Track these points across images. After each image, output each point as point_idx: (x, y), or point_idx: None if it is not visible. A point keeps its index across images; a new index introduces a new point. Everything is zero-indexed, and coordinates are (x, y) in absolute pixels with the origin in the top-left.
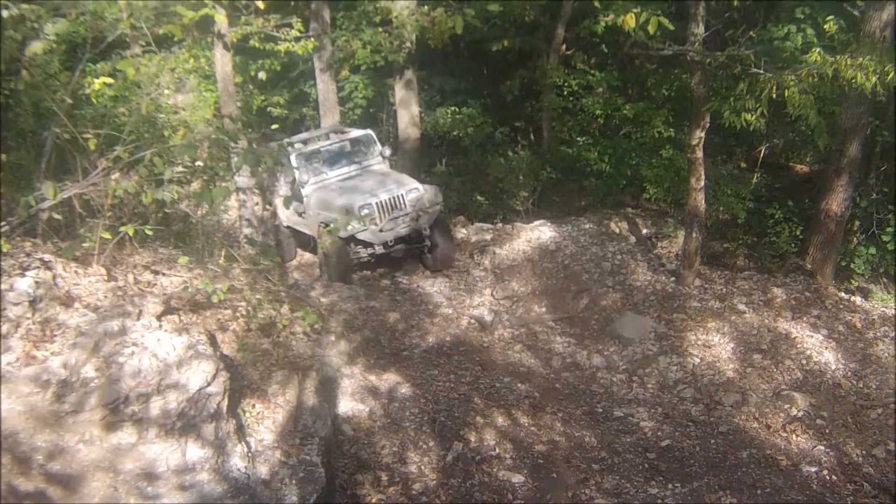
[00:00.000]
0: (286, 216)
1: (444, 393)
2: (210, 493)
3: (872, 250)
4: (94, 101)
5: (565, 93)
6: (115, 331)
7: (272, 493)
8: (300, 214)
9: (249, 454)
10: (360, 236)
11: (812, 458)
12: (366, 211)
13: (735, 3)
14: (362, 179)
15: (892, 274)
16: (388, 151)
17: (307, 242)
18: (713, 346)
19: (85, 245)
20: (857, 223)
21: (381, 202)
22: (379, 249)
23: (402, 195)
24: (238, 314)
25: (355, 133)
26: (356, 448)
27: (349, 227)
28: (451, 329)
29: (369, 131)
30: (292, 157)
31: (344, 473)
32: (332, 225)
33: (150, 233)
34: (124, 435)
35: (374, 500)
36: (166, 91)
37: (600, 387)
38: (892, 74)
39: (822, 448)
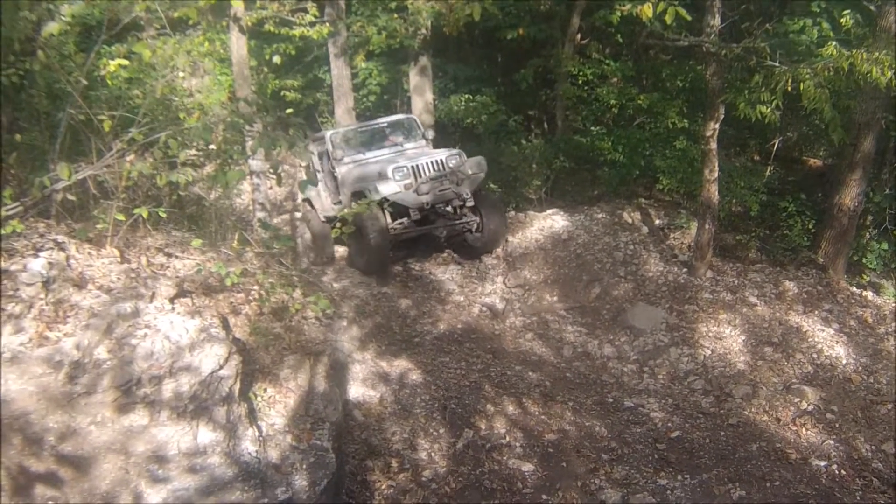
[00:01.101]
0: (324, 208)
1: (455, 380)
2: (220, 477)
3: (885, 246)
4: (108, 82)
5: (580, 82)
6: (127, 313)
7: (282, 478)
8: (336, 204)
9: (260, 438)
10: (395, 198)
11: (821, 453)
12: (400, 174)
13: None
14: (401, 155)
15: None
16: (430, 134)
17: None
18: (724, 338)
19: (98, 227)
20: (869, 218)
21: (416, 165)
22: (415, 215)
23: (441, 159)
24: (251, 298)
25: (396, 117)
26: (367, 434)
27: (383, 190)
28: (462, 316)
29: (412, 115)
30: (327, 136)
31: (354, 459)
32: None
33: (163, 215)
34: (136, 417)
35: (383, 487)
36: (181, 74)
37: (611, 377)
38: None
39: (832, 442)
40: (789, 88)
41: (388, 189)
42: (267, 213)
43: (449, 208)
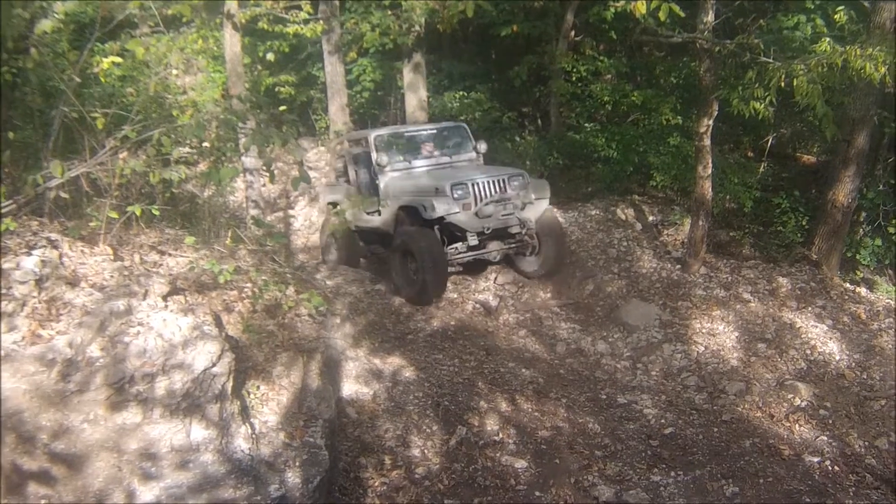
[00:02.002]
0: (355, 216)
1: (449, 377)
2: (213, 474)
3: (879, 242)
4: (102, 80)
5: (573, 79)
6: (120, 310)
7: (275, 475)
8: (372, 213)
9: (253, 435)
10: (453, 219)
11: (815, 449)
12: (459, 192)
13: None
14: (455, 168)
15: None
16: (483, 147)
17: (378, 242)
18: (718, 335)
19: (91, 224)
20: (863, 214)
21: (478, 183)
22: (473, 240)
23: (504, 178)
24: (244, 295)
25: (445, 123)
26: (360, 431)
27: (439, 208)
28: (455, 313)
29: (462, 123)
30: (370, 138)
31: (347, 456)
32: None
33: (156, 213)
34: (129, 415)
35: (376, 484)
36: (175, 71)
37: (604, 373)
38: None
39: (825, 438)
40: (783, 84)
41: (444, 208)
42: (260, 211)
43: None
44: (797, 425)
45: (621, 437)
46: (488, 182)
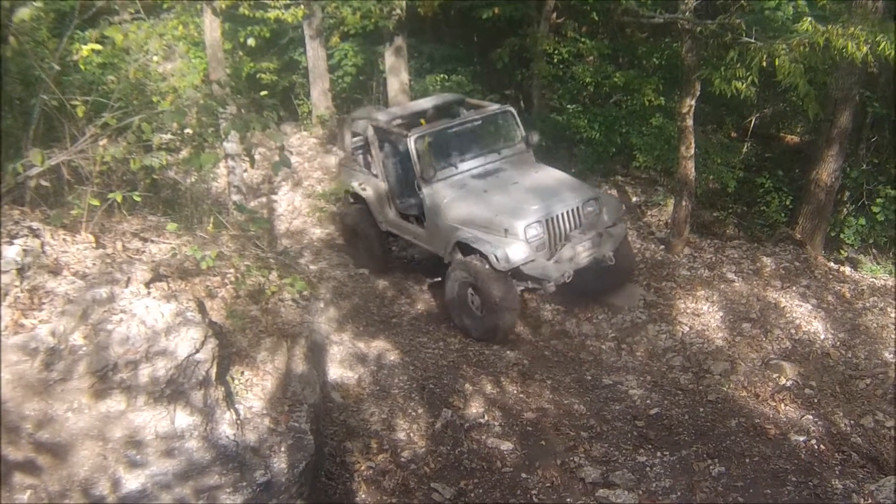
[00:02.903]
0: (385, 216)
1: (433, 360)
2: (199, 461)
3: (862, 221)
4: (82, 67)
5: (555, 61)
6: (103, 298)
7: (261, 461)
8: (409, 217)
9: (238, 421)
10: (528, 270)
11: (800, 428)
12: (533, 232)
13: None
14: (512, 179)
15: (881, 244)
16: (535, 138)
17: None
18: (702, 315)
19: (73, 212)
20: (847, 193)
21: (553, 219)
22: (550, 288)
23: (577, 208)
24: (227, 281)
25: (491, 109)
26: (345, 415)
27: (513, 255)
28: (439, 296)
29: (509, 107)
30: (410, 142)
31: (333, 441)
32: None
33: (138, 199)
34: (113, 402)
35: (362, 468)
36: (155, 58)
37: (589, 354)
38: (883, 44)
39: (811, 417)
40: (764, 64)
41: (519, 256)
42: (243, 196)
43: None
44: (783, 404)
45: (607, 418)
46: (565, 214)
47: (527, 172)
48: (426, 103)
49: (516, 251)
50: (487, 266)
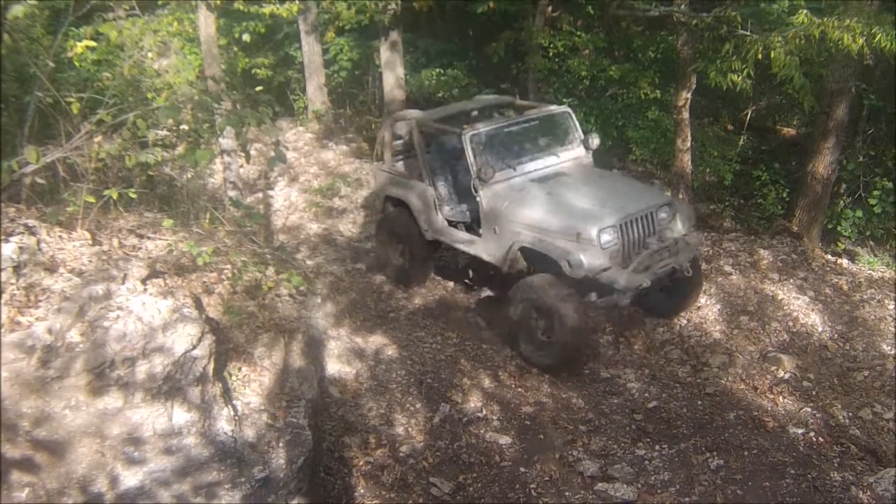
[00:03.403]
0: (433, 225)
1: (431, 355)
2: (197, 457)
3: (859, 213)
4: (76, 64)
5: (551, 54)
6: (99, 295)
7: (259, 456)
8: (458, 225)
9: (236, 417)
10: (607, 279)
11: (799, 420)
12: (607, 237)
13: None
14: (576, 183)
15: (878, 236)
16: (595, 141)
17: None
18: (700, 308)
19: (69, 209)
20: (843, 186)
21: (627, 224)
22: (624, 300)
23: (651, 213)
24: (223, 277)
25: (548, 109)
26: (343, 410)
27: (588, 261)
28: (437, 291)
29: (567, 108)
30: (465, 139)
31: (331, 436)
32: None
33: (134, 196)
34: (110, 399)
35: (361, 463)
36: (150, 54)
37: (587, 348)
38: (879, 36)
39: (809, 410)
40: (760, 57)
41: (595, 263)
42: (239, 192)
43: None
44: (781, 397)
45: (605, 411)
46: (640, 219)
47: (590, 176)
48: (473, 105)
49: (592, 257)
50: (554, 279)
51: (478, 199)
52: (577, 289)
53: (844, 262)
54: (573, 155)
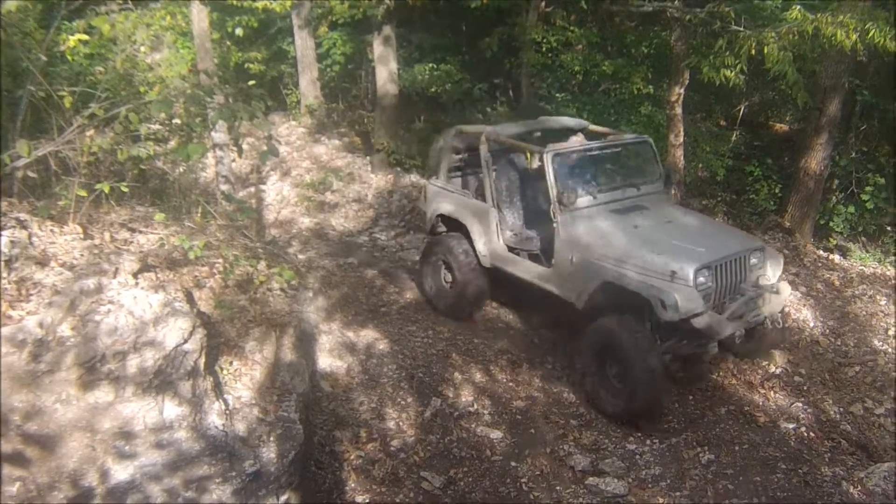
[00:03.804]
0: (492, 248)
1: (422, 349)
2: (188, 451)
3: (851, 209)
4: (69, 58)
5: (544, 49)
6: (91, 289)
7: (250, 450)
8: (521, 253)
9: (227, 411)
10: (701, 324)
11: (790, 415)
12: (703, 279)
13: None
14: (662, 218)
15: (870, 232)
16: (675, 178)
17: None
18: None
19: (61, 203)
20: (836, 182)
21: (721, 266)
22: (713, 349)
23: (744, 257)
24: (215, 271)
25: (628, 137)
26: (334, 404)
27: (683, 303)
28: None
29: (648, 139)
30: (547, 159)
31: (322, 430)
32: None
33: (126, 190)
34: (101, 394)
35: (352, 457)
36: (142, 48)
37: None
38: (873, 32)
39: (800, 405)
40: (753, 52)
41: (690, 305)
42: (231, 186)
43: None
44: (772, 392)
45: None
46: (733, 262)
47: (674, 213)
48: (543, 124)
49: (687, 299)
50: (632, 322)
51: (555, 225)
52: (657, 333)
53: (836, 257)
54: (653, 188)
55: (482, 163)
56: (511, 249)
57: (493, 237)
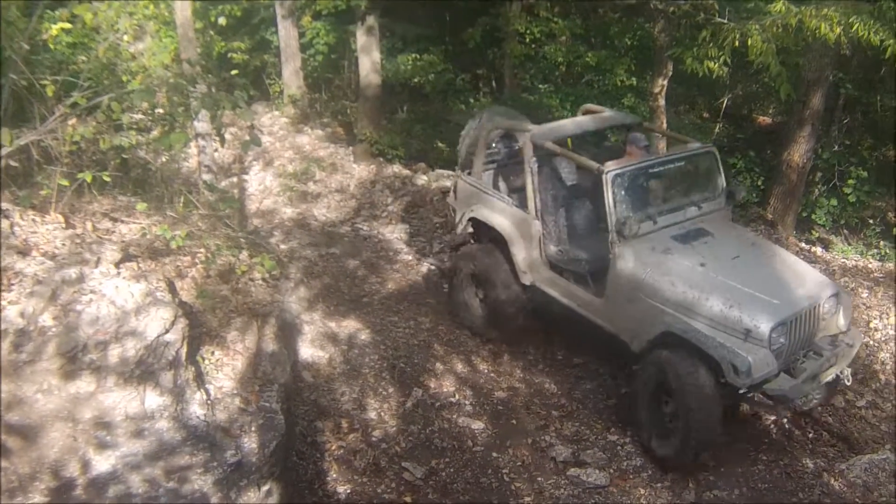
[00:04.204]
0: (532, 265)
1: (404, 339)
2: (169, 441)
3: (834, 202)
4: (51, 47)
5: (528, 40)
6: (72, 279)
7: (232, 440)
8: (565, 273)
9: (209, 401)
10: (775, 390)
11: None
12: (777, 335)
13: None
14: (728, 251)
15: (852, 225)
16: (741, 193)
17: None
18: None
19: (43, 193)
20: (818, 174)
21: (797, 319)
22: (784, 413)
23: (819, 305)
24: (197, 260)
25: (692, 147)
26: (316, 395)
27: (756, 364)
28: (411, 275)
29: (712, 148)
30: (606, 180)
31: (304, 420)
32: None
33: (108, 179)
34: (83, 384)
35: (333, 447)
36: (125, 37)
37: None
38: (857, 26)
39: None
40: (737, 44)
41: (764, 367)
42: (214, 176)
43: None
44: None
45: (578, 397)
46: (808, 313)
47: (740, 241)
48: (593, 122)
49: (762, 362)
50: (691, 361)
51: (611, 256)
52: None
53: (818, 250)
54: (714, 206)
55: (525, 168)
56: (554, 267)
57: (533, 252)
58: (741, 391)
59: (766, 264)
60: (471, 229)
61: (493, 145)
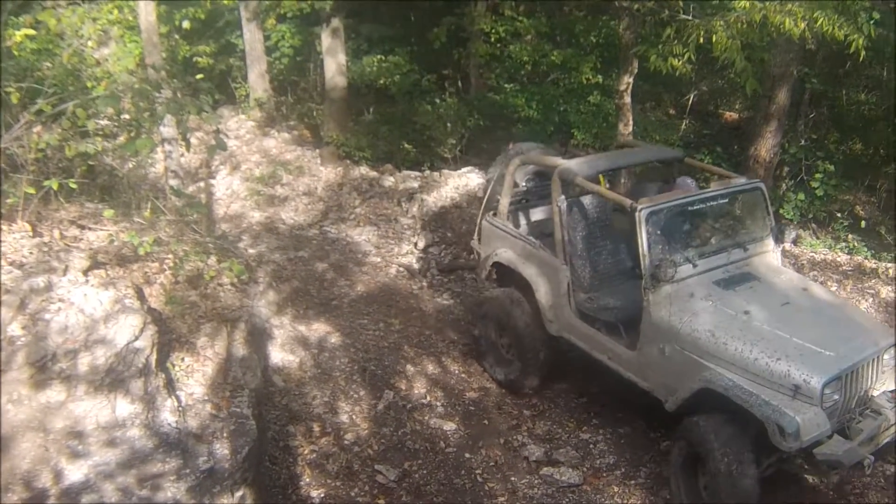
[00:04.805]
0: (558, 311)
1: (374, 342)
2: (141, 449)
3: (802, 196)
4: (15, 53)
5: (493, 40)
6: (40, 287)
7: (204, 447)
8: (597, 323)
9: (180, 408)
10: (821, 453)
11: None
12: (830, 391)
13: None
14: (776, 296)
15: (820, 219)
16: (792, 236)
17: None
18: None
19: (9, 201)
20: (786, 169)
21: (853, 373)
22: (835, 478)
23: (878, 357)
24: (165, 267)
25: (738, 183)
26: (287, 399)
27: (805, 425)
28: (379, 277)
29: (760, 184)
30: (640, 218)
31: (276, 425)
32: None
33: (74, 187)
34: (53, 393)
35: (306, 451)
36: (89, 42)
37: None
38: (821, 21)
39: None
40: (702, 41)
41: (815, 428)
42: (180, 181)
43: None
44: None
45: (549, 395)
46: (866, 367)
47: (790, 286)
48: (629, 157)
49: (813, 423)
50: (730, 427)
51: (644, 303)
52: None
53: (787, 244)
54: (762, 249)
55: (553, 209)
56: (584, 316)
57: (561, 300)
58: (787, 456)
59: (819, 311)
60: (494, 275)
61: (522, 183)
